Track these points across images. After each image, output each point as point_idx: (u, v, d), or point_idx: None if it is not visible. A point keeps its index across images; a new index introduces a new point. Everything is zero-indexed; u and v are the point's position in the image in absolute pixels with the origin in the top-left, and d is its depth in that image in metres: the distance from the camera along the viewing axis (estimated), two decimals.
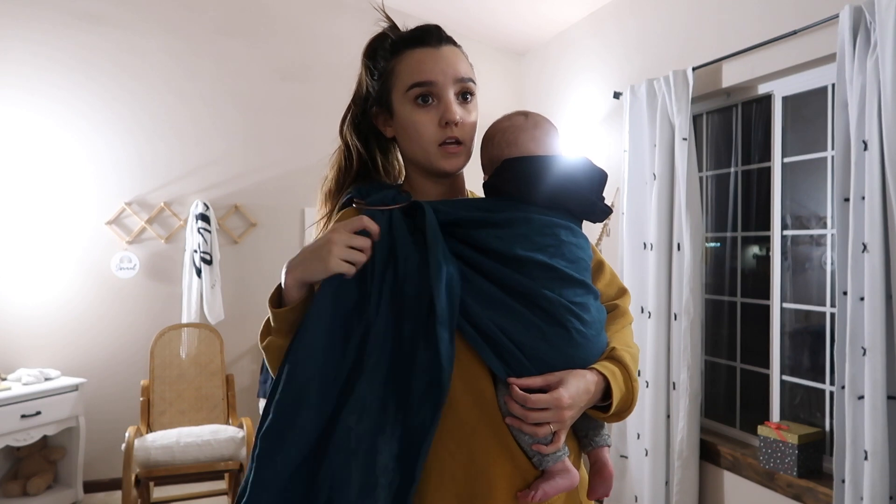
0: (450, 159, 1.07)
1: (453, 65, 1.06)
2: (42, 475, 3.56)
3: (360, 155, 1.14)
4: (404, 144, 1.11)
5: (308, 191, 4.15)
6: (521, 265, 1.00)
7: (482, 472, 0.96)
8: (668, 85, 2.83)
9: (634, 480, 3.03)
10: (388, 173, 1.18)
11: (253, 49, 4.14)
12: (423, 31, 1.09)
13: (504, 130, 1.11)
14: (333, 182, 1.16)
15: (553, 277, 1.01)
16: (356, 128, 1.15)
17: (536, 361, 0.97)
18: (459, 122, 1.05)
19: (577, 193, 1.07)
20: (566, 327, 0.98)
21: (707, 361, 2.95)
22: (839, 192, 2.15)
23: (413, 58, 1.07)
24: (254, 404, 3.98)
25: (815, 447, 2.43)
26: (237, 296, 4.08)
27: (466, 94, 1.08)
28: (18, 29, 3.71)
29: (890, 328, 2.00)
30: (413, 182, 1.14)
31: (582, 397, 0.98)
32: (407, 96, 1.06)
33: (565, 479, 0.97)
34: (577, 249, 1.06)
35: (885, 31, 1.94)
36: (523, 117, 1.12)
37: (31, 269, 3.76)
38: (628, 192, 3.09)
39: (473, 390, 0.98)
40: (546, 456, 0.97)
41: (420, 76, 1.05)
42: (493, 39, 4.33)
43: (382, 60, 1.10)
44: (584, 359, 1.00)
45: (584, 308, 1.02)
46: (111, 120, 3.89)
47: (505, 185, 1.07)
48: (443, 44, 1.08)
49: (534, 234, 1.02)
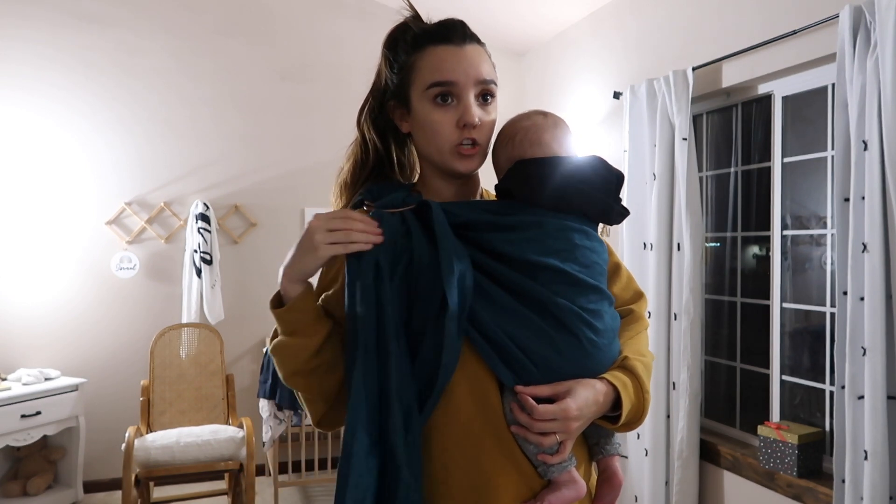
0: (464, 161, 1.04)
1: (476, 66, 1.03)
2: (42, 475, 3.56)
3: (376, 148, 1.11)
4: (420, 142, 1.08)
5: (308, 191, 4.15)
6: (532, 270, 0.98)
7: (487, 482, 0.95)
8: (667, 85, 2.83)
9: (634, 480, 3.03)
10: (402, 168, 1.15)
11: (253, 49, 4.14)
12: (447, 28, 1.05)
13: (526, 130, 1.07)
14: (349, 174, 1.13)
15: (565, 283, 0.98)
16: (374, 120, 1.12)
17: (545, 370, 0.95)
18: (478, 125, 1.03)
19: (592, 195, 1.05)
20: (577, 336, 0.96)
21: (707, 361, 2.95)
22: (839, 192, 2.15)
23: (435, 55, 1.03)
24: (254, 404, 3.98)
25: (815, 447, 2.43)
26: (237, 296, 4.09)
27: (487, 95, 1.05)
28: (18, 29, 3.71)
29: (890, 328, 2.00)
30: (427, 180, 1.11)
31: (590, 408, 0.96)
32: (426, 94, 1.03)
33: (571, 491, 0.96)
34: (591, 253, 1.03)
35: (885, 31, 1.94)
36: (542, 116, 1.09)
37: (31, 269, 3.76)
38: (628, 192, 3.09)
39: (479, 398, 0.96)
40: (552, 466, 0.95)
41: (441, 75, 1.02)
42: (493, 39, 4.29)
43: (403, 54, 1.07)
44: (595, 368, 0.98)
45: (597, 315, 0.99)
46: (111, 120, 3.89)
47: (518, 188, 1.05)
48: (466, 42, 1.05)
49: (546, 238, 1.00)
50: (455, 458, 0.95)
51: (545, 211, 1.03)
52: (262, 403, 3.53)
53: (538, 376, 0.95)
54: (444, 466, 0.95)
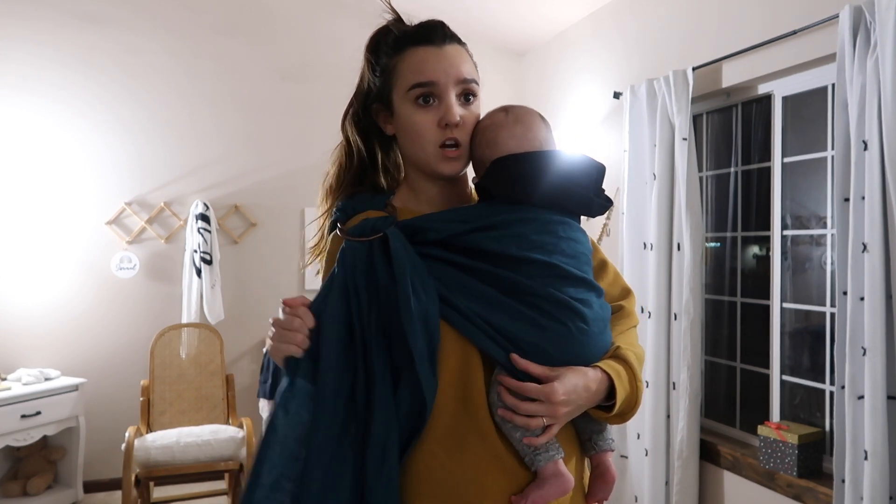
0: (448, 163, 1.05)
1: (456, 65, 1.04)
2: (42, 475, 3.56)
3: (360, 152, 1.12)
4: (404, 144, 1.09)
5: (308, 191, 4.15)
6: (518, 265, 0.99)
7: (473, 481, 0.95)
8: (668, 85, 2.83)
9: (634, 480, 3.03)
10: (388, 171, 1.14)
11: (253, 49, 4.14)
12: (426, 29, 1.06)
13: (484, 129, 1.06)
14: (334, 178, 1.14)
15: (553, 275, 0.99)
16: (357, 124, 1.13)
17: (536, 359, 0.96)
18: (460, 124, 1.03)
19: (570, 189, 1.04)
20: (566, 324, 0.97)
21: (707, 361, 2.95)
22: (839, 192, 2.15)
23: (415, 56, 1.05)
24: (254, 404, 3.98)
25: (815, 447, 2.43)
26: (237, 296, 4.08)
27: (469, 94, 1.06)
28: (18, 29, 3.71)
29: (890, 328, 2.00)
30: (412, 182, 1.12)
31: (580, 394, 0.96)
32: (408, 96, 1.04)
33: (556, 486, 0.95)
34: (576, 244, 1.04)
35: (885, 31, 1.94)
36: (503, 113, 1.08)
37: (32, 269, 3.76)
38: (628, 192, 3.09)
39: (464, 398, 0.97)
40: (538, 455, 0.95)
41: (421, 76, 1.03)
42: (493, 39, 4.32)
43: (385, 56, 1.08)
44: (586, 356, 0.99)
45: (586, 304, 1.00)
46: (111, 120, 3.89)
47: (495, 187, 1.04)
48: (446, 42, 1.06)
49: (530, 233, 1.01)
50: (439, 457, 0.95)
51: (527, 207, 1.03)
52: (262, 403, 3.54)
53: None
54: (427, 467, 0.96)
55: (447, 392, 0.96)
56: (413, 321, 0.94)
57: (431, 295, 0.97)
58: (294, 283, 4.17)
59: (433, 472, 0.95)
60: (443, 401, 0.96)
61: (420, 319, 0.94)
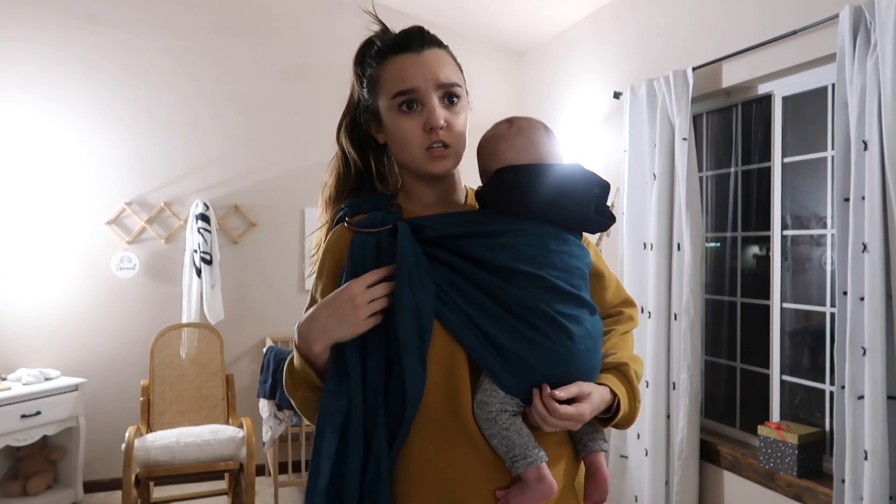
0: (437, 162, 1.06)
1: (434, 70, 1.06)
2: (42, 475, 3.56)
3: (356, 162, 1.15)
4: (395, 150, 1.11)
5: (308, 191, 4.15)
6: (507, 275, 1.00)
7: (461, 479, 0.98)
8: (668, 85, 2.83)
9: (634, 480, 3.03)
10: (384, 179, 1.18)
11: (253, 49, 4.14)
12: (405, 36, 1.08)
13: (487, 141, 1.10)
14: (333, 188, 1.17)
15: (541, 287, 1.00)
16: (350, 135, 1.16)
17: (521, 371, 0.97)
18: (445, 126, 1.05)
19: (566, 203, 1.05)
20: (550, 337, 0.98)
21: (707, 361, 2.95)
22: (839, 192, 2.15)
23: (396, 65, 1.07)
24: (254, 404, 3.98)
25: (815, 447, 2.43)
26: (237, 296, 4.09)
27: (452, 97, 1.07)
28: (18, 29, 3.71)
29: (890, 328, 2.00)
30: (407, 186, 1.14)
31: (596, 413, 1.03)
32: (392, 104, 1.06)
33: (537, 492, 0.96)
34: (569, 258, 1.04)
35: (885, 31, 1.94)
36: (507, 125, 1.10)
37: (31, 269, 3.76)
38: (628, 192, 3.09)
39: (451, 398, 0.99)
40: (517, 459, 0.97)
41: (402, 84, 1.05)
42: (493, 39, 4.32)
43: (369, 68, 1.11)
44: (571, 374, 0.99)
45: (575, 321, 1.01)
46: (111, 120, 3.89)
47: (492, 198, 1.06)
48: (425, 48, 1.07)
49: (521, 245, 1.02)
50: (428, 453, 0.98)
51: (521, 219, 1.04)
52: (262, 403, 3.53)
53: (511, 374, 0.97)
54: (418, 462, 0.99)
55: (436, 389, 0.98)
56: (404, 312, 0.97)
57: (428, 290, 0.99)
58: (294, 283, 4.17)
59: (423, 467, 0.98)
60: (432, 397, 0.98)
61: (412, 311, 0.97)
